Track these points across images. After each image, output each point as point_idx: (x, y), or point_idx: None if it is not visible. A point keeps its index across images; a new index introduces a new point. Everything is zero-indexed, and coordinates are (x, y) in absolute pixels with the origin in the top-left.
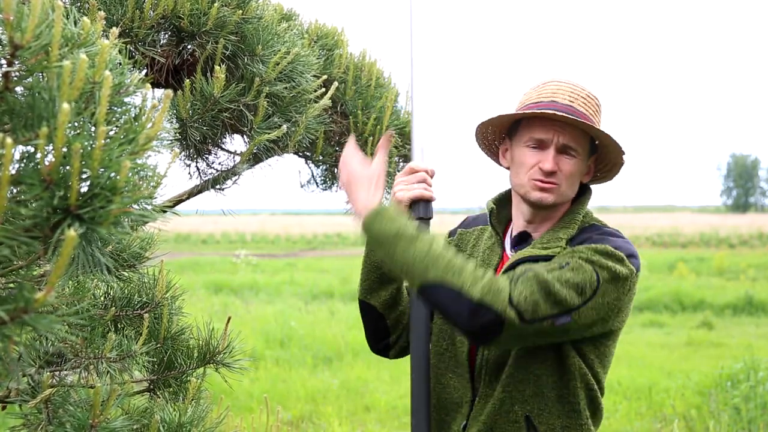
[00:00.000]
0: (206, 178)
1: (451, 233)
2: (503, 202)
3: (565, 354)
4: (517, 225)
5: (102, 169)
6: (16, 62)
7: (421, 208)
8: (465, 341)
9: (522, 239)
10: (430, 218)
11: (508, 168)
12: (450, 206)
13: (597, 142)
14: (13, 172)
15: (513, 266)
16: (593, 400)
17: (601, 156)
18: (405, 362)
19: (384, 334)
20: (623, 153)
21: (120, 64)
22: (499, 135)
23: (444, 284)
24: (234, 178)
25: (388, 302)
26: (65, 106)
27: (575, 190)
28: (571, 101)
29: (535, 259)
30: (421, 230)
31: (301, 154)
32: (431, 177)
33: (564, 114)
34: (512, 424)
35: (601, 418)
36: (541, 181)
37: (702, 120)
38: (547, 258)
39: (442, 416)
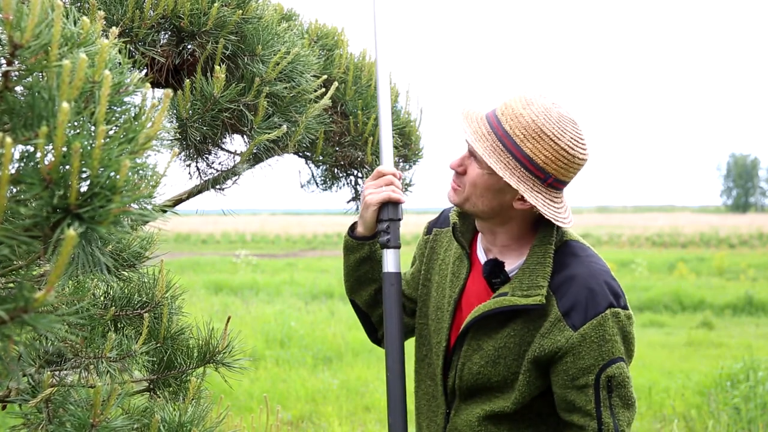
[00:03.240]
0: (206, 178)
1: (428, 230)
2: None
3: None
4: (483, 240)
5: (102, 169)
6: (16, 61)
7: (390, 209)
8: (440, 353)
9: (494, 269)
10: (400, 219)
11: None
12: (438, 206)
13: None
14: (13, 171)
15: (487, 316)
16: None
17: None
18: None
19: (372, 328)
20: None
21: (120, 63)
22: None
23: None
24: (234, 178)
25: (369, 302)
26: (65, 105)
27: (488, 206)
28: (501, 113)
29: (513, 311)
30: None
31: (301, 154)
32: (399, 179)
33: (465, 119)
34: None
35: None
36: (452, 180)
37: (702, 120)
38: (529, 308)
39: (421, 422)
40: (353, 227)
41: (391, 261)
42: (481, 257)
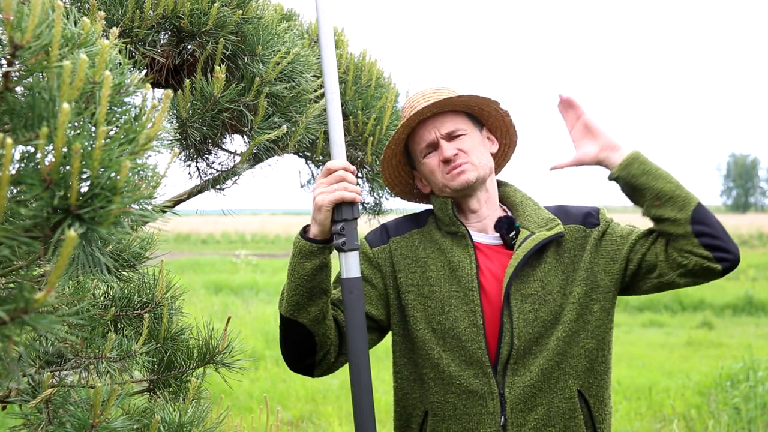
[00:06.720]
0: (206, 178)
1: (373, 242)
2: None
3: (609, 326)
4: (472, 216)
5: (102, 169)
6: (16, 62)
7: (344, 209)
8: (480, 334)
9: (510, 224)
10: (357, 218)
11: (432, 193)
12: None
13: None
14: (13, 172)
15: (539, 248)
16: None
17: (489, 124)
18: None
19: (310, 352)
20: (493, 102)
21: (120, 64)
22: (410, 176)
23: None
24: (234, 178)
25: (318, 318)
26: (65, 106)
27: (489, 161)
28: (426, 100)
29: (548, 241)
30: None
31: (301, 154)
32: (353, 174)
33: (425, 106)
34: (566, 400)
35: None
36: (453, 169)
37: (702, 120)
38: (558, 236)
39: (464, 425)
40: (306, 230)
41: (350, 265)
42: (476, 234)
